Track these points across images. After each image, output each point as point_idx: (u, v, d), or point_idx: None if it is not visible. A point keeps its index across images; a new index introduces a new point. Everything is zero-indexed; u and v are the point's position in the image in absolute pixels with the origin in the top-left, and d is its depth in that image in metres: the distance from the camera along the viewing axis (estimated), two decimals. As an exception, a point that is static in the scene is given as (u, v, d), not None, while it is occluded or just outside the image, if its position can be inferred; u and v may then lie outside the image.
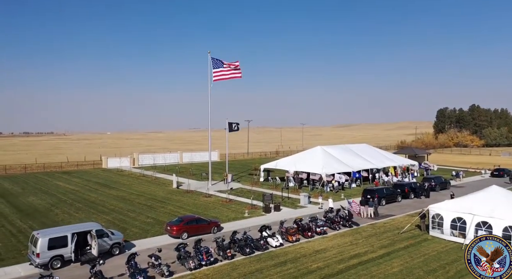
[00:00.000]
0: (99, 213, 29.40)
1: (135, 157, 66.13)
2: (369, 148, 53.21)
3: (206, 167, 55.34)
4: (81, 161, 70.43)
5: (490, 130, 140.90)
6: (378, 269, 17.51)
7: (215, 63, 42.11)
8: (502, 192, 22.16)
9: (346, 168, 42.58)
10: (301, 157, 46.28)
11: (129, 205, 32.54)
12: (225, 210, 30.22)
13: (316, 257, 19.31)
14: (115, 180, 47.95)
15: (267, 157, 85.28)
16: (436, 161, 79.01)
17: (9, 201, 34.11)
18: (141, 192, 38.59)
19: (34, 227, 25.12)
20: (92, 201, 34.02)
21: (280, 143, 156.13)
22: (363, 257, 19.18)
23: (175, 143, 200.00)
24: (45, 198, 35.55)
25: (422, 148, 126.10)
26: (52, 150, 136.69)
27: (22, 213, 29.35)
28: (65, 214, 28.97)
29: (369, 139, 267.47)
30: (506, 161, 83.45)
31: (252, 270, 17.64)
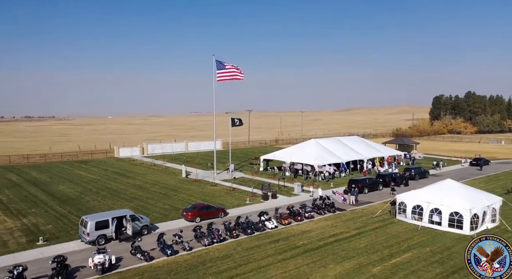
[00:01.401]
0: (123, 200, 34.73)
1: (144, 147, 71.36)
2: (359, 140, 58.18)
3: (210, 156, 60.60)
4: (94, 150, 75.74)
5: (483, 117, 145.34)
6: (349, 245, 22.84)
7: (218, 65, 46.75)
8: (453, 184, 27.33)
9: (337, 159, 47.78)
10: (297, 149, 51.38)
11: (147, 193, 37.88)
12: (230, 197, 35.52)
13: (302, 236, 24.64)
14: (129, 169, 53.29)
15: (267, 145, 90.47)
16: (426, 149, 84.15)
17: (43, 189, 39.48)
18: (155, 181, 43.91)
19: (72, 212, 30.50)
20: (114, 190, 39.37)
21: (280, 130, 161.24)
22: (339, 236, 24.52)
23: (178, 129, 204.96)
24: (73, 186, 40.91)
25: (417, 135, 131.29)
26: (61, 137, 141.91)
27: (58, 200, 34.71)
28: (94, 201, 34.32)
29: (369, 124, 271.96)
30: (493, 148, 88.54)
31: (253, 246, 22.98)
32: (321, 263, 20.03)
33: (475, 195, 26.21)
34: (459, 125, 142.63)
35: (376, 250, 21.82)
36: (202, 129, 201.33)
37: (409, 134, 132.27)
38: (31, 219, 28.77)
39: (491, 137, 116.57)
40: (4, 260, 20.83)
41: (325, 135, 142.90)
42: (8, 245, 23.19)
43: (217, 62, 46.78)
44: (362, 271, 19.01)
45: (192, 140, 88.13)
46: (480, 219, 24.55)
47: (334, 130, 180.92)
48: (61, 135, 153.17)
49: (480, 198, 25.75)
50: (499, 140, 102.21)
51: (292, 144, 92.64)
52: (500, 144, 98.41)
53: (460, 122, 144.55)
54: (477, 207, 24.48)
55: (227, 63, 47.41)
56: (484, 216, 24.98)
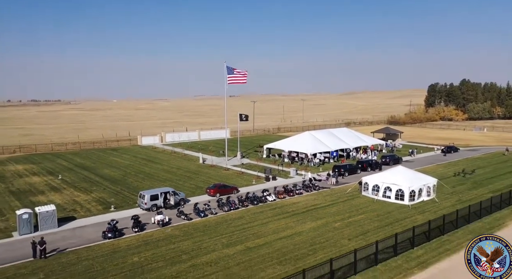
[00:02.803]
0: (158, 181, 45.40)
1: (162, 136, 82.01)
2: (347, 131, 68.19)
3: (220, 143, 71.16)
4: (118, 138, 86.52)
5: (474, 105, 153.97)
6: (323, 211, 33.37)
7: (228, 70, 56.64)
8: (402, 170, 37.67)
9: (327, 148, 58.14)
10: (294, 139, 61.70)
11: (174, 176, 48.56)
12: (240, 179, 46.09)
13: (292, 206, 35.20)
14: (154, 156, 64.01)
15: (270, 133, 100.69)
16: (412, 137, 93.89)
17: (93, 172, 50.33)
18: (178, 167, 54.60)
19: (124, 190, 41.23)
20: (148, 173, 50.10)
21: (283, 117, 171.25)
22: (317, 205, 35.07)
23: (185, 116, 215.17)
24: (115, 170, 51.71)
25: (410, 122, 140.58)
26: (79, 124, 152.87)
27: (109, 181, 45.51)
28: (137, 182, 45.06)
29: (369, 109, 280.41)
30: (474, 136, 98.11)
31: (257, 211, 33.57)
32: (302, 221, 30.63)
33: (415, 177, 36.59)
34: (450, 112, 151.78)
35: (340, 214, 32.39)
36: (209, 115, 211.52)
37: (403, 121, 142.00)
38: (97, 194, 39.60)
39: (478, 125, 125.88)
40: (97, 219, 31.63)
41: (324, 121, 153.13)
42: (91, 211, 34.01)
43: (227, 68, 56.68)
44: (327, 225, 29.59)
45: (204, 129, 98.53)
46: (417, 194, 34.98)
47: (334, 116, 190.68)
48: (79, 122, 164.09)
49: (419, 179, 36.16)
50: (482, 127, 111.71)
51: (293, 131, 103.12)
52: (483, 131, 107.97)
53: (452, 109, 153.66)
54: (414, 186, 34.86)
55: (235, 68, 57.35)
56: (420, 192, 35.39)
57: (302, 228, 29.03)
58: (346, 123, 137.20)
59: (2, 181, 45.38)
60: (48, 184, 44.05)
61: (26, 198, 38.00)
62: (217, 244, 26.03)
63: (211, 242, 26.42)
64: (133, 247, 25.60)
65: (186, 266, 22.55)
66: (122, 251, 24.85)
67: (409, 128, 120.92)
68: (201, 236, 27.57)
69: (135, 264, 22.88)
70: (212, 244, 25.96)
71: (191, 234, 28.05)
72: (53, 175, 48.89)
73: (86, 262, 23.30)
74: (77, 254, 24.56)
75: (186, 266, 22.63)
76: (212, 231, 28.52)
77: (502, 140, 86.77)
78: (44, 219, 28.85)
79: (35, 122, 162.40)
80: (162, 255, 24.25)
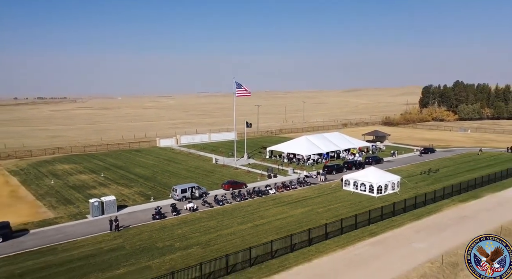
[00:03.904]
0: (182, 178, 56.47)
1: (178, 138, 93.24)
2: (339, 135, 78.98)
3: (229, 144, 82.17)
4: (138, 139, 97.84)
5: (464, 106, 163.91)
6: (311, 201, 44.38)
7: (237, 85, 67.52)
8: (374, 170, 48.59)
9: (320, 150, 69.05)
10: (292, 143, 72.66)
11: (194, 174, 59.66)
12: (247, 177, 57.10)
13: (288, 197, 46.20)
14: (174, 157, 75.21)
15: (273, 135, 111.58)
16: (400, 138, 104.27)
17: (127, 171, 61.59)
18: (196, 166, 65.73)
19: (156, 185, 52.36)
20: (173, 172, 61.27)
21: (285, 118, 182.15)
22: (307, 197, 46.08)
23: (192, 115, 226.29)
24: (145, 169, 62.92)
25: (403, 123, 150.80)
26: (95, 125, 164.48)
27: (142, 178, 56.73)
28: (165, 179, 56.22)
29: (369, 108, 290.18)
30: (457, 137, 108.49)
31: (262, 201, 44.63)
32: (294, 208, 41.69)
33: (383, 175, 47.52)
34: (442, 113, 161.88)
35: (323, 203, 43.43)
36: (215, 115, 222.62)
37: (397, 122, 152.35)
38: (136, 188, 50.84)
39: (467, 125, 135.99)
40: (142, 207, 42.82)
41: (324, 121, 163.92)
42: (137, 201, 45.23)
43: (236, 83, 67.64)
44: (312, 211, 40.60)
45: (213, 131, 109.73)
46: (383, 188, 45.93)
47: (334, 117, 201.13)
48: (94, 123, 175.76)
49: (385, 177, 47.10)
50: (466, 129, 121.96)
51: (293, 133, 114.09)
52: (467, 132, 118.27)
53: (443, 110, 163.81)
54: (382, 182, 45.82)
55: (243, 84, 68.30)
56: (386, 187, 46.32)
57: (293, 212, 40.11)
58: (343, 123, 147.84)
59: (59, 178, 56.77)
60: (95, 180, 55.39)
61: (84, 191, 49.32)
62: (233, 223, 37.17)
63: (229, 221, 37.56)
64: (175, 224, 36.80)
65: (214, 236, 33.69)
66: (168, 227, 36.05)
67: (401, 129, 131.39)
68: (221, 218, 38.73)
69: (180, 234, 34.07)
70: (230, 223, 37.10)
71: (214, 216, 39.23)
72: (95, 173, 60.24)
73: (146, 233, 34.52)
74: (138, 229, 35.79)
75: (214, 236, 33.77)
76: (229, 215, 39.68)
77: (481, 141, 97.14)
78: (108, 206, 40.11)
79: (54, 123, 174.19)
80: (197, 229, 35.41)
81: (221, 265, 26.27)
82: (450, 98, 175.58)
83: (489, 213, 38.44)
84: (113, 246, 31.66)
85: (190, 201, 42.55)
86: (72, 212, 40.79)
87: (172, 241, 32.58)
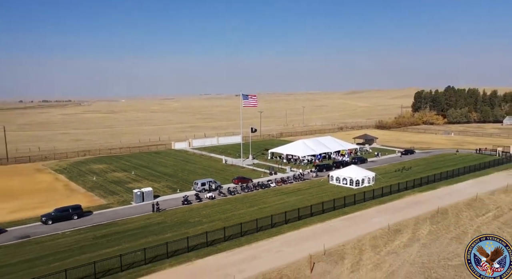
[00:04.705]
0: (199, 175, 68.74)
1: (190, 141, 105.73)
2: (331, 139, 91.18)
3: (235, 147, 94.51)
4: (152, 142, 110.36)
5: (453, 110, 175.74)
6: (303, 191, 56.62)
7: (244, 97, 79.91)
8: (354, 167, 60.86)
9: (314, 152, 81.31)
10: (290, 145, 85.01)
11: (208, 172, 71.96)
12: (252, 174, 69.35)
13: (285, 189, 58.45)
14: (189, 158, 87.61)
15: (274, 138, 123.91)
16: (388, 141, 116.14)
17: (152, 170, 73.99)
18: (209, 166, 78.07)
19: (180, 181, 64.69)
20: (190, 170, 73.62)
21: (285, 121, 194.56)
22: (300, 189, 58.31)
23: (198, 119, 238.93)
24: (167, 169, 75.29)
25: (395, 126, 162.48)
26: (108, 129, 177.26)
27: (167, 175, 69.08)
28: (185, 176, 68.55)
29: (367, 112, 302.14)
30: (439, 140, 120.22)
31: (264, 192, 56.87)
32: (289, 197, 53.93)
33: (361, 172, 59.72)
34: (432, 117, 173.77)
35: (313, 193, 55.67)
36: (220, 119, 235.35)
37: (389, 126, 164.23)
38: (164, 183, 63.20)
39: (454, 129, 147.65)
40: (171, 196, 55.16)
41: (322, 125, 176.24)
42: (166, 192, 57.61)
43: (243, 95, 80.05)
44: (304, 198, 52.81)
45: (220, 135, 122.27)
46: (360, 182, 58.13)
47: (332, 120, 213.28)
48: (108, 127, 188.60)
49: (362, 173, 59.31)
50: (450, 132, 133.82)
51: (293, 136, 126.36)
52: (450, 135, 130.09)
53: (433, 114, 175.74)
54: (359, 177, 58.05)
55: (250, 94, 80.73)
56: (363, 181, 58.52)
57: (289, 199, 52.40)
58: (339, 127, 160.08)
59: (98, 175, 69.23)
60: (128, 177, 67.84)
61: (122, 185, 61.75)
62: (243, 206, 49.47)
63: (240, 205, 49.87)
64: (200, 208, 49.14)
65: (230, 214, 45.98)
66: (195, 209, 48.40)
67: (392, 133, 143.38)
68: (234, 203, 51.06)
69: (204, 214, 46.40)
70: (241, 206, 49.40)
71: (228, 202, 51.56)
72: (127, 171, 72.72)
73: (180, 213, 46.88)
74: (173, 210, 48.14)
75: (230, 214, 46.06)
76: (240, 201, 52.00)
77: (460, 143, 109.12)
78: (147, 195, 52.47)
79: (71, 127, 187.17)
80: (216, 211, 47.71)
81: (237, 231, 38.57)
82: (441, 102, 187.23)
83: (438, 200, 50.52)
84: (158, 221, 44.07)
85: (208, 192, 54.93)
86: (119, 200, 53.26)
87: (200, 218, 44.93)
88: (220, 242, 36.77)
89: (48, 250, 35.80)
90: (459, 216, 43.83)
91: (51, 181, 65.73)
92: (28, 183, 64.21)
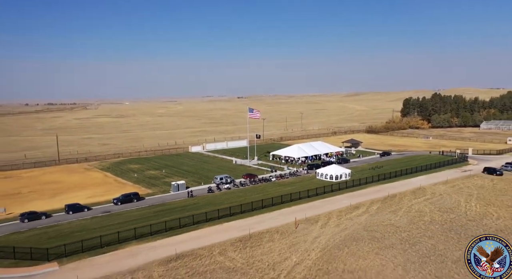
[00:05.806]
0: (216, 172, 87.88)
1: (204, 145, 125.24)
2: (321, 143, 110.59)
3: (242, 150, 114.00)
4: (170, 146, 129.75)
5: (437, 116, 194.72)
6: (296, 184, 75.82)
7: (249, 110, 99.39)
8: (335, 166, 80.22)
9: (306, 154, 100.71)
10: (288, 149, 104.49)
11: (222, 170, 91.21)
12: (257, 171, 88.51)
13: (283, 182, 77.63)
14: (205, 159, 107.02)
15: (275, 142, 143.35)
16: (373, 144, 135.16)
17: (178, 168, 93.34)
18: (222, 165, 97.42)
19: (202, 177, 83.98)
20: (208, 168, 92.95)
21: (286, 126, 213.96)
22: (294, 182, 77.55)
23: (205, 124, 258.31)
24: (189, 168, 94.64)
25: (383, 131, 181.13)
26: (125, 134, 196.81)
27: (191, 173, 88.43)
28: (205, 173, 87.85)
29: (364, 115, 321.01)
30: (419, 143, 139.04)
31: (267, 185, 76.13)
32: (286, 187, 73.13)
33: (340, 169, 79.02)
34: (417, 122, 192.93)
35: (303, 185, 74.86)
36: (225, 123, 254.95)
37: (378, 130, 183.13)
38: (190, 178, 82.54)
39: (435, 133, 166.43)
40: (198, 187, 74.50)
41: (319, 129, 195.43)
42: (193, 184, 76.95)
43: (249, 109, 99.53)
44: (296, 188, 71.96)
45: (228, 139, 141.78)
46: (339, 176, 77.39)
47: (329, 124, 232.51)
48: (124, 131, 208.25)
49: (341, 170, 78.63)
50: (429, 136, 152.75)
51: (292, 140, 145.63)
52: (429, 139, 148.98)
53: (418, 119, 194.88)
54: (338, 173, 77.37)
55: (254, 108, 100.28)
56: (341, 176, 77.76)
57: (286, 189, 71.61)
58: (333, 132, 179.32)
59: (137, 173, 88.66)
60: (161, 174, 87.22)
61: (159, 180, 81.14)
62: (252, 194, 68.75)
63: (250, 193, 69.15)
64: (221, 194, 68.44)
65: (243, 199, 65.20)
66: (218, 196, 67.72)
67: (379, 137, 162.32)
68: (245, 192, 70.36)
69: (225, 199, 65.75)
70: (250, 194, 68.64)
71: (241, 191, 70.88)
72: (158, 170, 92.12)
73: (207, 198, 66.20)
74: (202, 197, 67.45)
75: (243, 198, 65.28)
76: (250, 191, 71.31)
77: (434, 146, 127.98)
78: (181, 186, 71.82)
79: (91, 132, 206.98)
80: (233, 197, 66.98)
81: (249, 207, 57.89)
82: (427, 108, 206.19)
83: (392, 189, 69.66)
84: (193, 202, 63.48)
85: (225, 184, 74.28)
86: (160, 190, 72.68)
87: (222, 200, 64.30)
88: (238, 214, 56.14)
89: (128, 219, 55.22)
90: (402, 199, 63.10)
91: (103, 177, 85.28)
92: (86, 179, 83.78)
